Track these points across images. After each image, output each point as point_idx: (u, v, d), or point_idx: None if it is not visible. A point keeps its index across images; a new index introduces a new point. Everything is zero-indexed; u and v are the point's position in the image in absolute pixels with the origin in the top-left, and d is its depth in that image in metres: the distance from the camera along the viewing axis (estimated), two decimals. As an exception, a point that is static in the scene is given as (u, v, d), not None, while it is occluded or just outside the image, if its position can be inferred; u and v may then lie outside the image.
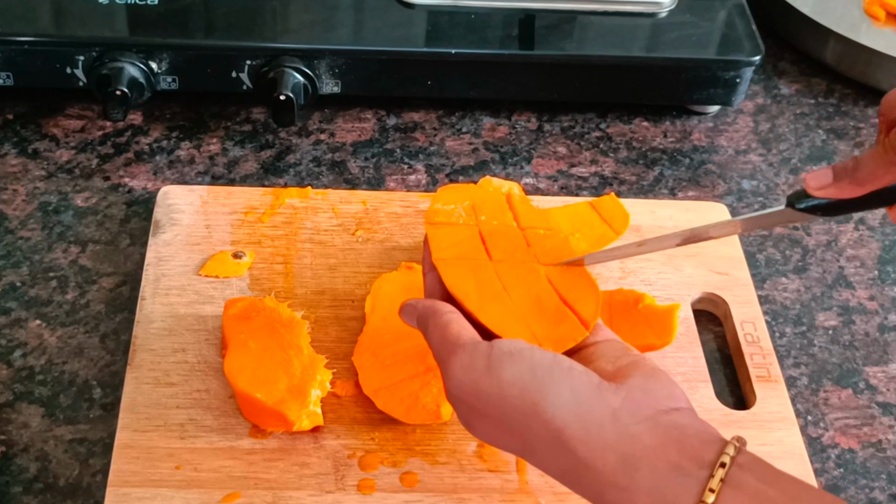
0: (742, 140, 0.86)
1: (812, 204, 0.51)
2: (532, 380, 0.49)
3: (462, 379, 0.50)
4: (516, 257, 0.59)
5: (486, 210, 0.61)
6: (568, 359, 0.51)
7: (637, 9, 0.83)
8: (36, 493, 0.60)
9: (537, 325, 0.56)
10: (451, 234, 0.60)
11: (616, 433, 0.47)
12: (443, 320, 0.54)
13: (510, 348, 0.50)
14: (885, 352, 0.71)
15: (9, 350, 0.66)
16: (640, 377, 0.50)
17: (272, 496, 0.59)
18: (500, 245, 0.60)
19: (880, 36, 0.91)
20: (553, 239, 0.61)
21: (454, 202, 0.61)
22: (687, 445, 0.47)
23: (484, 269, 0.58)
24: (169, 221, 0.72)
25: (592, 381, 0.49)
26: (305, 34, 0.80)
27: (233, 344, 0.62)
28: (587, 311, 0.56)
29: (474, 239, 0.60)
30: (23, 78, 0.78)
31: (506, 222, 0.61)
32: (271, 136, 0.83)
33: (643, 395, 0.49)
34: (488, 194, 0.63)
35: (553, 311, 0.57)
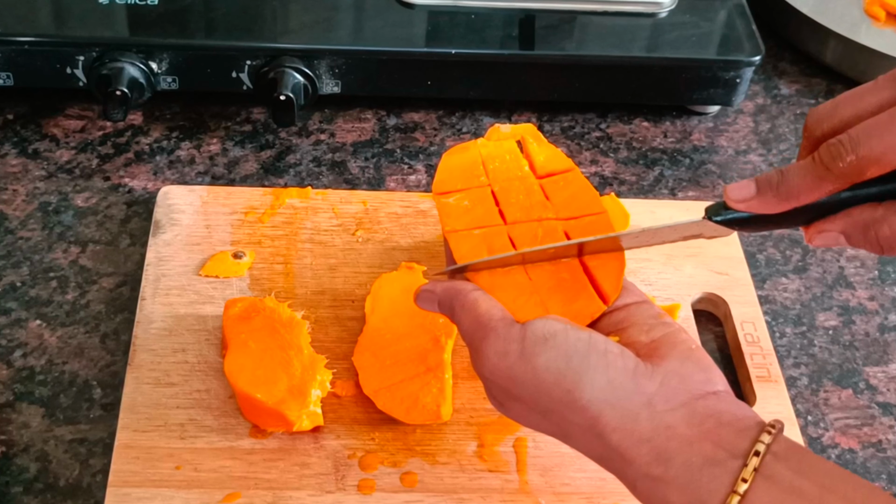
0: (742, 140, 0.86)
1: (729, 217, 0.50)
2: (567, 367, 0.48)
3: (496, 363, 0.50)
4: (532, 215, 0.56)
5: (497, 164, 0.57)
6: (604, 339, 0.49)
7: (637, 9, 0.83)
8: (36, 493, 0.60)
9: (552, 300, 0.53)
10: (461, 201, 0.56)
11: (651, 424, 0.47)
12: (469, 301, 0.52)
13: (544, 332, 0.49)
14: (885, 352, 0.71)
15: (9, 350, 0.66)
16: (677, 359, 0.49)
17: (272, 496, 0.59)
18: (515, 203, 0.56)
19: (880, 36, 0.91)
20: (573, 185, 0.57)
21: (461, 164, 0.58)
22: (722, 434, 0.46)
23: (498, 237, 0.55)
24: (169, 221, 0.72)
25: (628, 367, 0.48)
26: (305, 34, 0.80)
27: (233, 344, 0.62)
28: (609, 283, 0.54)
29: (486, 202, 0.56)
30: (23, 78, 0.78)
31: (520, 175, 0.57)
32: (271, 136, 0.83)
33: (679, 382, 0.48)
34: (498, 146, 0.59)
35: (571, 282, 0.54)
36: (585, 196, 0.57)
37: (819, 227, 0.49)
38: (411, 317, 0.64)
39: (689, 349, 0.50)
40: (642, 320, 0.52)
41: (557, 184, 0.57)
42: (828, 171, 0.46)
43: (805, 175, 0.47)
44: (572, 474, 0.61)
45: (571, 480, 0.60)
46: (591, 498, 0.60)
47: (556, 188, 0.57)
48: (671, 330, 0.51)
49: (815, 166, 0.46)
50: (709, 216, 0.51)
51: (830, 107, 0.48)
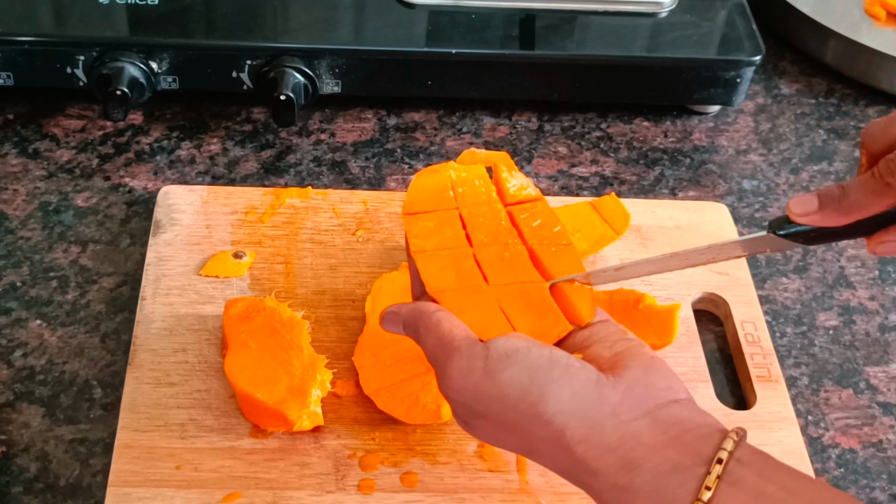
0: (742, 140, 0.86)
1: (794, 230, 0.51)
2: (531, 382, 0.49)
3: (461, 382, 0.50)
4: (499, 239, 0.57)
5: (467, 189, 0.58)
6: (565, 354, 0.50)
7: (637, 9, 0.83)
8: (36, 493, 0.60)
9: (518, 319, 0.54)
10: (428, 222, 0.57)
11: (616, 433, 0.47)
12: (432, 321, 0.53)
13: (507, 348, 0.50)
14: (885, 352, 0.71)
15: (9, 350, 0.66)
16: (639, 369, 0.50)
17: (273, 496, 0.59)
18: (482, 227, 0.57)
19: (880, 36, 0.90)
20: (540, 215, 0.58)
21: (431, 186, 0.58)
22: (686, 442, 0.47)
23: (465, 260, 0.56)
24: (169, 221, 0.72)
25: (591, 378, 0.49)
26: (306, 34, 0.80)
27: (233, 344, 0.62)
28: (584, 307, 0.54)
29: (454, 224, 0.57)
30: (23, 78, 0.78)
31: (488, 201, 0.58)
32: (272, 136, 0.83)
33: (642, 390, 0.49)
34: (468, 171, 0.59)
35: (538, 303, 0.54)
36: (552, 226, 0.58)
37: (881, 238, 0.49)
38: (411, 317, 0.64)
39: (650, 359, 0.51)
40: (605, 337, 0.53)
41: (524, 212, 0.58)
42: (887, 186, 0.47)
43: (865, 190, 0.48)
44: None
45: (572, 480, 0.60)
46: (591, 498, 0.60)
47: (524, 217, 0.58)
48: (633, 344, 0.52)
49: (875, 181, 0.47)
50: (773, 230, 0.51)
51: (885, 123, 0.49)
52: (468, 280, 0.55)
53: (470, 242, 0.56)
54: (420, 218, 0.57)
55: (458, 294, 0.54)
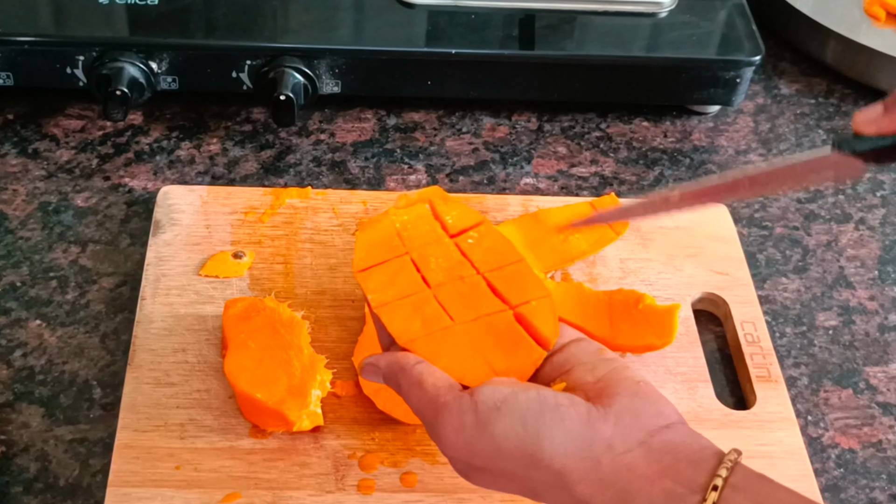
0: (742, 140, 0.86)
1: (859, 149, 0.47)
2: (524, 431, 0.48)
3: (454, 440, 0.50)
4: (454, 274, 0.56)
5: (411, 231, 0.57)
6: (552, 393, 0.50)
7: (637, 9, 0.83)
8: (36, 493, 0.60)
9: (494, 356, 0.53)
10: (382, 274, 0.56)
11: (612, 467, 0.47)
12: (414, 376, 0.52)
13: (494, 399, 0.49)
14: (885, 352, 0.71)
15: (9, 350, 0.66)
16: (627, 396, 0.49)
17: (272, 496, 0.59)
18: (435, 267, 0.56)
19: (880, 36, 0.90)
20: (486, 238, 0.57)
21: (377, 238, 0.57)
22: (681, 469, 0.47)
23: (427, 303, 0.55)
24: (169, 221, 0.72)
25: (582, 414, 0.48)
26: (305, 34, 0.80)
27: (233, 344, 0.62)
28: (546, 327, 0.54)
29: (407, 270, 0.56)
30: (23, 78, 0.78)
31: (435, 238, 0.57)
32: (271, 136, 0.83)
33: (633, 419, 0.48)
34: (410, 213, 0.59)
35: (508, 335, 0.54)
36: (500, 247, 0.57)
37: None
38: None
39: (636, 384, 0.50)
40: (585, 359, 0.52)
41: (470, 240, 0.57)
42: None
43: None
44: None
45: (571, 480, 0.60)
46: (591, 498, 0.60)
47: (471, 244, 0.57)
48: (615, 366, 0.52)
49: None
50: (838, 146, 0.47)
51: None
52: (435, 324, 0.54)
53: (427, 284, 0.56)
54: (373, 272, 0.56)
55: (429, 340, 0.54)
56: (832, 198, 0.82)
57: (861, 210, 0.81)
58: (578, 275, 0.72)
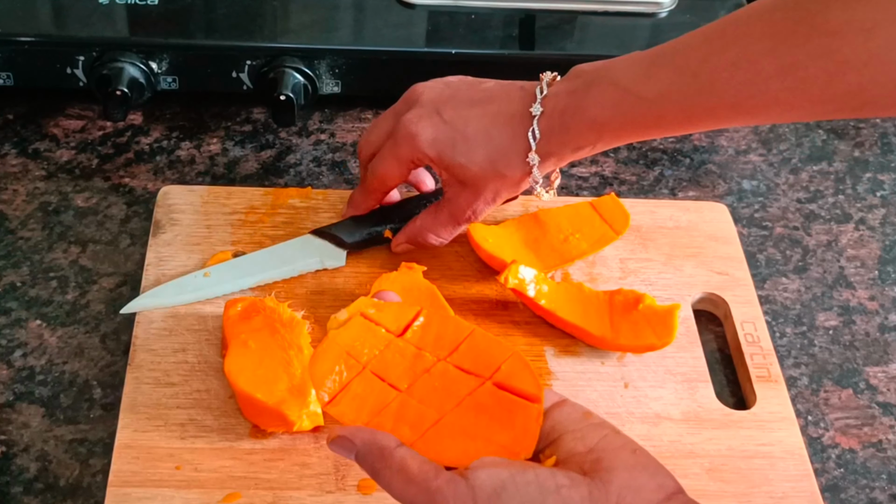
0: (742, 140, 0.86)
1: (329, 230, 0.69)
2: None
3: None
4: (418, 370, 0.54)
5: (359, 345, 0.55)
6: (551, 475, 0.48)
7: (637, 9, 0.83)
8: (36, 493, 0.60)
9: (494, 433, 0.51)
10: (351, 398, 0.53)
11: None
12: (395, 462, 0.49)
13: (493, 485, 0.47)
14: (885, 352, 0.71)
15: (9, 350, 0.66)
16: (626, 470, 0.48)
17: (272, 496, 0.59)
18: (398, 369, 0.54)
19: (880, 36, 0.90)
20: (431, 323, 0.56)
21: (328, 366, 0.54)
22: None
23: (406, 408, 0.53)
24: (169, 221, 0.72)
25: (583, 495, 0.47)
26: (305, 34, 0.80)
27: (233, 344, 0.62)
28: (525, 384, 0.52)
29: (372, 383, 0.54)
30: (23, 78, 0.78)
31: (384, 342, 0.55)
32: (271, 136, 0.83)
33: (634, 496, 0.47)
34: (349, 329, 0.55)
35: (496, 405, 0.52)
36: (448, 326, 0.55)
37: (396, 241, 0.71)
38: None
39: (632, 454, 0.49)
40: (572, 426, 0.50)
41: (418, 331, 0.55)
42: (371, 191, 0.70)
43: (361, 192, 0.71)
44: (572, 474, 0.60)
45: (571, 480, 0.60)
46: (592, 498, 0.59)
47: (420, 335, 0.55)
48: (606, 433, 0.50)
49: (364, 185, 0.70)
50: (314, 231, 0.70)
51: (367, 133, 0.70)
52: (423, 424, 0.52)
53: (397, 389, 0.54)
54: (341, 400, 0.53)
55: (425, 442, 0.52)
56: (832, 198, 0.82)
57: (861, 210, 0.81)
58: (578, 275, 0.72)
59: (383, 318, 0.56)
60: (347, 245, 0.70)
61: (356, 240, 0.70)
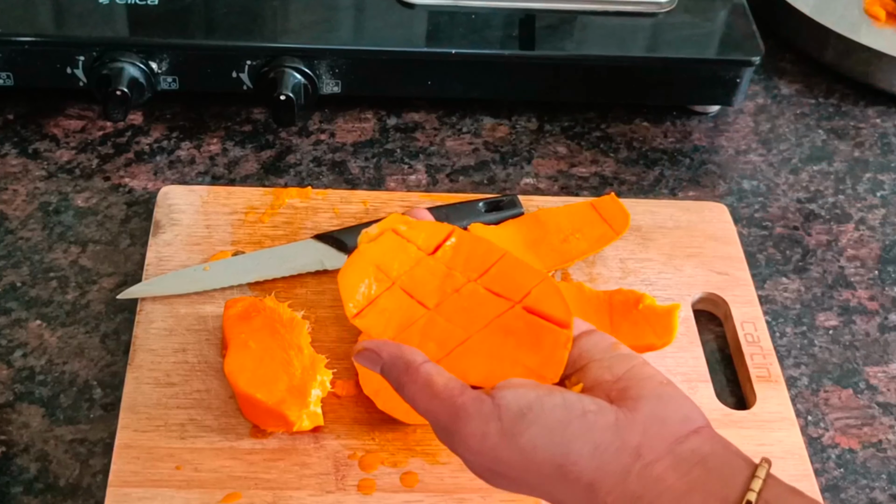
0: (742, 140, 0.86)
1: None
2: (551, 442, 0.46)
3: (477, 447, 0.47)
4: (447, 290, 0.54)
5: (391, 261, 0.55)
6: (578, 399, 0.48)
7: (637, 9, 0.83)
8: (36, 493, 0.60)
9: (522, 355, 0.51)
10: (379, 311, 0.53)
11: (640, 478, 0.46)
12: (421, 377, 0.49)
13: (519, 405, 0.47)
14: (885, 352, 0.71)
15: (9, 350, 0.66)
16: (653, 400, 0.48)
17: (272, 496, 0.59)
18: (428, 288, 0.54)
19: (880, 36, 0.90)
20: (463, 244, 0.56)
21: (357, 279, 0.54)
22: (711, 484, 0.45)
23: (433, 325, 0.53)
24: (169, 221, 0.72)
25: (609, 423, 0.47)
26: (305, 34, 0.80)
27: (233, 344, 0.62)
28: (558, 310, 0.51)
29: (401, 299, 0.54)
30: (23, 78, 0.78)
31: (414, 259, 0.55)
32: (271, 136, 0.83)
33: (660, 426, 0.47)
34: (381, 244, 0.56)
35: (525, 329, 0.52)
36: (480, 249, 0.55)
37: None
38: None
39: (660, 385, 0.49)
40: (600, 355, 0.51)
41: (449, 251, 0.56)
42: None
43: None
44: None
45: (571, 480, 0.60)
46: (592, 498, 0.60)
47: (451, 255, 0.55)
48: (634, 363, 0.50)
49: None
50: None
51: None
52: (450, 342, 0.52)
53: (425, 307, 0.54)
54: (368, 313, 0.53)
55: (451, 360, 0.52)
56: (832, 198, 0.82)
57: (861, 210, 0.81)
58: (578, 275, 0.72)
59: (414, 236, 0.56)
60: (349, 250, 0.70)
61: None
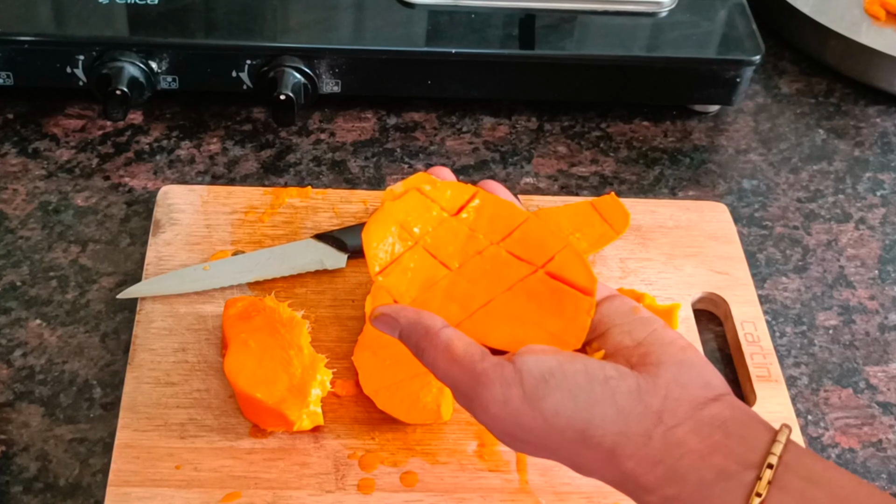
0: (742, 139, 0.86)
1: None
2: (575, 407, 0.47)
3: (498, 412, 0.47)
4: (469, 251, 0.54)
5: (413, 220, 0.55)
6: (600, 366, 0.48)
7: (637, 9, 0.83)
8: (36, 492, 0.60)
9: (544, 320, 0.51)
10: (402, 270, 0.54)
11: (662, 443, 0.46)
12: (441, 342, 0.49)
13: (541, 371, 0.47)
14: (885, 351, 0.71)
15: (9, 350, 0.66)
16: (674, 365, 0.48)
17: (272, 496, 0.59)
18: (451, 249, 0.54)
19: (880, 36, 0.91)
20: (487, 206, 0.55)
21: (383, 237, 0.54)
22: (732, 446, 0.46)
23: (456, 286, 0.53)
24: (169, 221, 0.72)
25: (631, 388, 0.47)
26: (305, 34, 0.80)
27: (233, 343, 0.62)
28: (581, 276, 0.51)
29: (424, 259, 0.54)
30: (23, 78, 0.78)
31: (438, 220, 0.55)
32: (271, 135, 0.83)
33: (682, 391, 0.47)
34: (405, 202, 0.56)
35: (547, 294, 0.52)
36: (504, 212, 0.55)
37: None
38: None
39: (682, 350, 0.49)
40: (620, 320, 0.51)
41: (472, 213, 0.56)
42: None
43: None
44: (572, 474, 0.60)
45: (571, 480, 0.60)
46: (592, 497, 0.60)
47: (474, 217, 0.55)
48: (655, 327, 0.50)
49: None
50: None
51: None
52: (472, 304, 0.52)
53: (448, 268, 0.54)
54: (392, 271, 0.54)
55: (473, 322, 0.52)
56: (832, 197, 0.82)
57: (861, 210, 0.81)
58: (578, 274, 0.72)
59: (438, 196, 0.56)
60: (349, 249, 0.70)
61: (358, 244, 0.70)
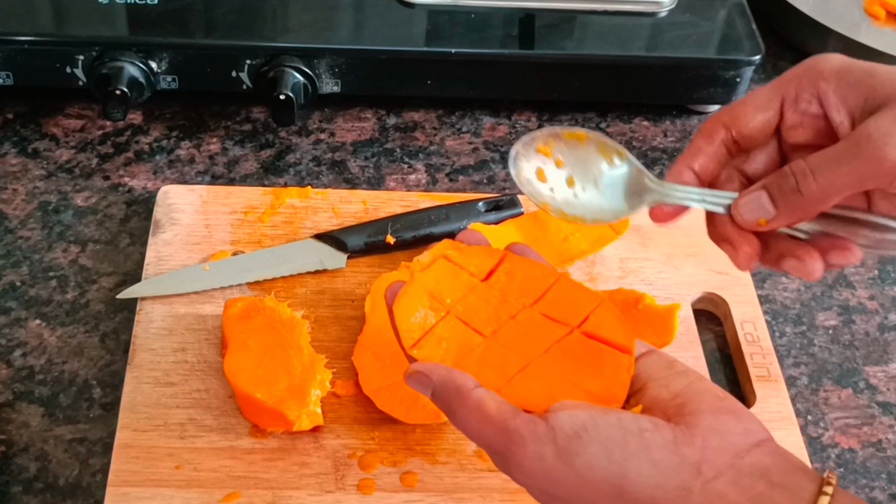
0: (742, 140, 0.86)
1: None
2: (609, 462, 0.45)
3: (533, 469, 0.46)
4: (503, 316, 0.53)
5: (444, 289, 0.54)
6: (633, 417, 0.47)
7: (637, 8, 0.83)
8: (36, 492, 0.60)
9: (583, 380, 0.50)
10: (436, 341, 0.52)
11: (702, 496, 0.45)
12: (473, 402, 0.48)
13: (574, 426, 0.46)
14: (885, 351, 0.71)
15: (9, 350, 0.66)
16: (711, 414, 0.47)
17: (272, 496, 0.59)
18: (483, 315, 0.53)
19: (880, 36, 0.90)
20: (517, 269, 0.55)
21: (414, 309, 0.53)
22: (776, 497, 0.44)
23: (492, 353, 0.52)
24: (169, 221, 0.72)
25: (668, 440, 0.46)
26: (305, 34, 0.80)
27: (233, 343, 0.62)
28: (616, 334, 0.51)
29: (456, 328, 0.53)
30: (23, 78, 0.78)
31: (468, 286, 0.54)
32: (271, 135, 0.83)
33: (720, 440, 0.46)
34: (434, 271, 0.55)
35: (585, 354, 0.51)
36: (534, 273, 0.55)
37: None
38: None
39: (718, 399, 0.48)
40: (657, 374, 0.50)
41: (502, 277, 0.55)
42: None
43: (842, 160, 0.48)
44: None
45: (571, 480, 0.60)
46: (591, 497, 0.60)
47: (505, 281, 0.54)
48: (691, 379, 0.49)
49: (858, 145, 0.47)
50: None
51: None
52: (509, 370, 0.51)
53: (482, 335, 0.53)
54: (425, 343, 0.52)
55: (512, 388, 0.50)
56: (832, 197, 0.82)
57: (861, 210, 0.81)
58: (578, 274, 0.72)
59: (466, 262, 0.55)
60: (349, 249, 0.70)
61: (358, 245, 0.70)
